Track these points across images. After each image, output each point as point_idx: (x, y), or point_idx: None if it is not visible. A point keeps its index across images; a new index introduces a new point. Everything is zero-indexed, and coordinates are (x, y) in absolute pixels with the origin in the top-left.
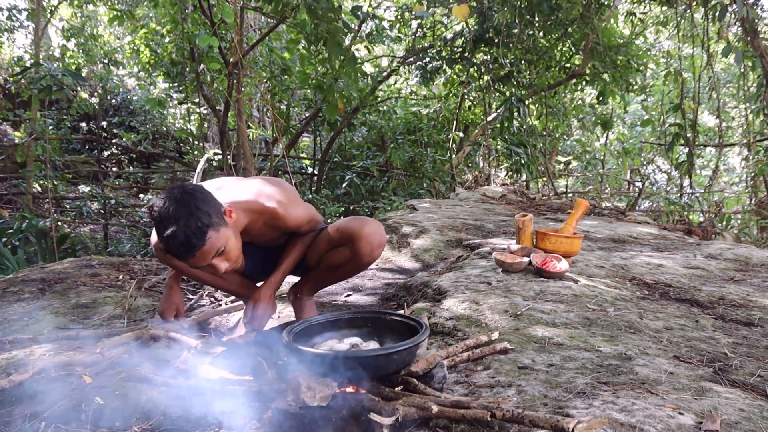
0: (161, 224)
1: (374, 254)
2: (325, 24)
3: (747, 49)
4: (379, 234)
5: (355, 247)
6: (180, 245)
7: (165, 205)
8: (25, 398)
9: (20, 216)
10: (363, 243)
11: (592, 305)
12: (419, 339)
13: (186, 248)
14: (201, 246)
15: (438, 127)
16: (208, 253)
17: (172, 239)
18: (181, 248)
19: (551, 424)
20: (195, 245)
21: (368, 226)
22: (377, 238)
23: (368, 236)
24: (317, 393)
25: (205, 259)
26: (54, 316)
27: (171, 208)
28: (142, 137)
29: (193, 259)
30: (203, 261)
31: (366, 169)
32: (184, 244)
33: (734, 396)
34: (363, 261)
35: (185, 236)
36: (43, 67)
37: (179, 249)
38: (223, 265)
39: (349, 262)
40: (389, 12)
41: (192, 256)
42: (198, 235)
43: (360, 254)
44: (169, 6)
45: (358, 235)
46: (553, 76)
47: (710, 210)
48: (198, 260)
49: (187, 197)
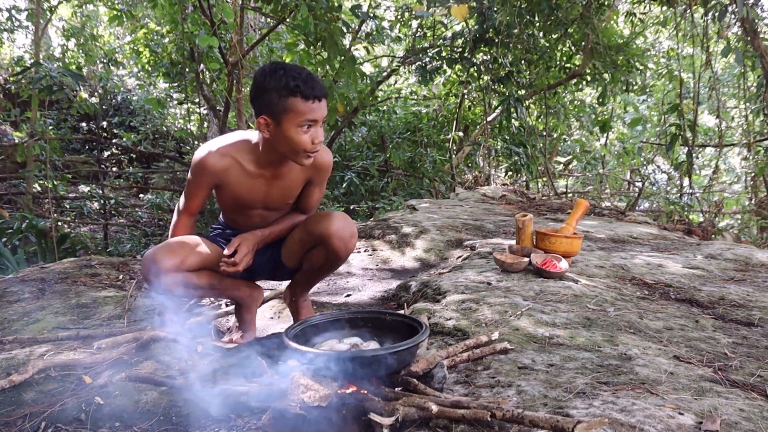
0: (295, 68)
1: (348, 247)
2: (324, 24)
3: (747, 49)
4: (348, 227)
5: (328, 246)
6: (319, 83)
7: (287, 64)
8: (25, 398)
9: (20, 216)
10: (334, 240)
11: (592, 305)
12: (419, 339)
13: (321, 86)
14: (327, 92)
15: (438, 127)
16: (325, 107)
17: (312, 77)
18: (319, 85)
19: (551, 424)
20: (325, 88)
21: (335, 223)
22: (347, 231)
23: (338, 232)
24: (317, 393)
25: (323, 111)
26: (54, 316)
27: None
28: (142, 137)
29: (319, 105)
30: (322, 111)
31: (366, 169)
32: (320, 83)
33: (734, 396)
34: (340, 256)
35: (318, 79)
36: (43, 67)
37: (319, 84)
38: (323, 135)
39: (327, 259)
40: (389, 12)
41: (321, 98)
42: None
43: (335, 251)
44: (169, 6)
45: (327, 234)
46: (553, 76)
47: (710, 210)
48: (321, 108)
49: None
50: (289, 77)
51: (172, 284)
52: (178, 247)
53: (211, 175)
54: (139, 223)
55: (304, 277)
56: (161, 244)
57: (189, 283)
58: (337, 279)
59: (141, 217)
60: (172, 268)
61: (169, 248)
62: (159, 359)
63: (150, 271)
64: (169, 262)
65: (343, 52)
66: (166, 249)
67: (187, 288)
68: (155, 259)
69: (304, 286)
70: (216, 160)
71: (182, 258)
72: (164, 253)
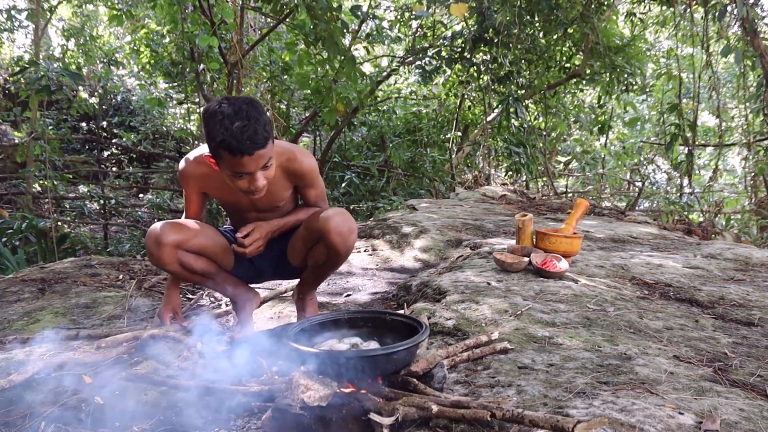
0: (229, 118)
1: (348, 243)
2: (324, 24)
3: (747, 49)
4: (347, 222)
5: (327, 242)
6: (247, 138)
7: (234, 105)
8: (25, 398)
9: (20, 216)
10: (333, 235)
11: (592, 305)
12: (419, 339)
13: (252, 143)
14: (263, 146)
15: (438, 127)
16: (262, 157)
17: (241, 132)
18: (248, 141)
19: (551, 424)
20: (259, 142)
21: (333, 219)
22: (345, 226)
23: (336, 228)
24: (317, 393)
25: (257, 163)
26: (54, 316)
27: (243, 108)
28: (142, 137)
29: (249, 159)
30: (255, 164)
31: (366, 169)
32: (252, 138)
33: (734, 396)
34: (340, 251)
35: (254, 131)
36: (42, 66)
37: (245, 142)
38: (262, 181)
39: (329, 256)
40: (389, 12)
41: (251, 153)
42: (264, 135)
43: (334, 246)
44: (169, 6)
45: (326, 230)
46: (553, 76)
47: (710, 210)
48: (251, 161)
49: (256, 104)
50: (221, 128)
51: (170, 259)
52: (184, 226)
53: (193, 182)
54: (139, 223)
55: (309, 274)
56: (169, 221)
57: (186, 263)
58: (337, 279)
59: (141, 217)
60: (173, 243)
61: (176, 224)
62: (159, 359)
63: (152, 242)
64: (171, 236)
65: (342, 52)
66: (172, 224)
67: (183, 268)
68: (159, 231)
69: (310, 283)
70: (193, 168)
71: (185, 237)
72: (169, 227)
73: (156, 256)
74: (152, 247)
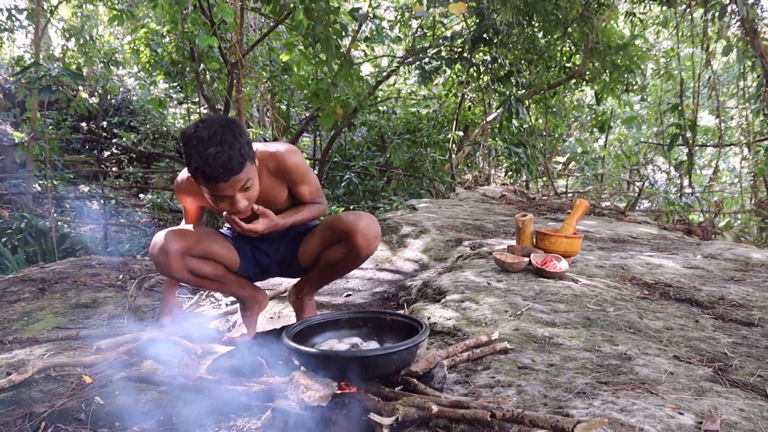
0: (203, 144)
1: (371, 247)
2: (322, 26)
3: (747, 49)
4: (374, 226)
5: (351, 243)
6: (221, 165)
7: (210, 128)
8: (25, 398)
9: (20, 216)
10: (359, 237)
11: (592, 305)
12: (419, 339)
13: (225, 170)
14: (238, 171)
15: (438, 127)
16: (239, 181)
17: (214, 158)
18: (221, 169)
19: (551, 424)
20: (234, 169)
21: (362, 220)
22: (372, 230)
23: (363, 230)
24: (317, 393)
25: (233, 188)
26: (54, 316)
27: (218, 132)
28: (142, 137)
29: (224, 185)
30: (232, 189)
31: (366, 169)
32: (225, 165)
33: (734, 396)
34: (361, 254)
35: (228, 158)
36: (42, 66)
37: (218, 169)
38: (243, 203)
39: (347, 257)
40: (389, 12)
41: (226, 180)
42: (239, 160)
43: (357, 248)
44: (169, 6)
45: (353, 230)
46: (553, 76)
47: (710, 210)
48: (227, 187)
49: (233, 126)
50: (196, 154)
51: (178, 267)
52: (187, 232)
53: (189, 198)
54: (139, 223)
55: (317, 274)
56: (171, 228)
57: (193, 269)
58: (337, 279)
59: (141, 217)
60: (179, 250)
61: (179, 232)
62: (159, 359)
63: (158, 252)
64: (177, 244)
65: (340, 55)
66: (176, 232)
67: (191, 274)
68: (164, 240)
69: (314, 284)
70: (187, 185)
71: (190, 243)
72: (173, 235)
73: (164, 265)
74: (159, 257)
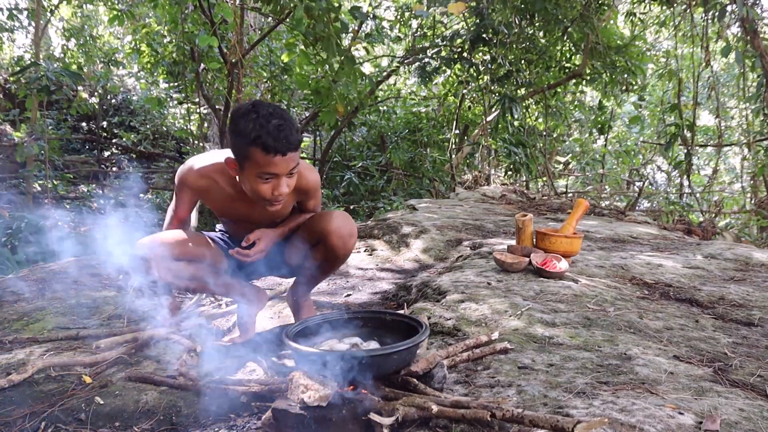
0: (266, 117)
1: (347, 246)
2: (322, 24)
3: (747, 49)
4: (348, 226)
5: (327, 244)
6: (284, 137)
7: (269, 107)
8: (25, 398)
9: (20, 216)
10: (333, 237)
11: (592, 305)
12: (419, 339)
13: (287, 142)
14: (296, 148)
15: (438, 127)
16: (293, 161)
17: (277, 129)
18: (284, 140)
19: (551, 424)
20: (294, 143)
21: (335, 221)
22: (346, 230)
23: (337, 230)
24: (317, 393)
25: (287, 166)
26: (54, 316)
27: (278, 110)
28: (142, 137)
29: (281, 159)
30: (285, 167)
31: (366, 169)
32: (288, 138)
33: (734, 396)
34: (338, 254)
35: (290, 131)
36: (42, 66)
37: (282, 140)
38: (285, 189)
39: (327, 257)
40: (389, 12)
41: (284, 153)
42: (298, 137)
43: (333, 248)
44: (169, 6)
45: (327, 231)
46: (553, 76)
47: (710, 210)
48: (282, 162)
49: (287, 113)
50: (257, 126)
51: (162, 273)
52: (168, 238)
53: (191, 192)
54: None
55: (305, 275)
56: (152, 235)
57: (179, 273)
58: (337, 279)
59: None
60: (161, 256)
61: (160, 237)
62: (159, 359)
63: (140, 259)
64: (158, 250)
65: (341, 53)
66: (156, 238)
67: (177, 278)
68: (147, 245)
69: (306, 285)
70: (195, 180)
71: (172, 248)
72: (157, 240)
73: (148, 270)
74: (141, 265)
